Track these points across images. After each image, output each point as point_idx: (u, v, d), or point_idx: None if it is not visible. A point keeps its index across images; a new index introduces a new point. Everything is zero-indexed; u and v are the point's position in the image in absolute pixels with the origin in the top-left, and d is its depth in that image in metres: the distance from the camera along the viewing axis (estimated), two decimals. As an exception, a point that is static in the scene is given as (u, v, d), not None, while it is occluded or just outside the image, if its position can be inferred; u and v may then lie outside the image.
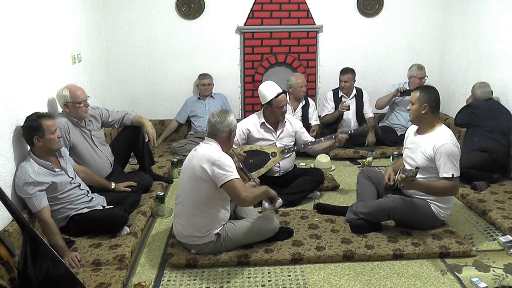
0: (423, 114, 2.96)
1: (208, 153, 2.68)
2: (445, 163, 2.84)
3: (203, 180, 2.66)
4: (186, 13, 5.05)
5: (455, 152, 2.86)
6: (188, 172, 2.76)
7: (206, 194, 2.70)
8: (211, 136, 2.79)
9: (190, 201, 2.76)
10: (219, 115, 2.78)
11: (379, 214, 3.04)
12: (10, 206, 2.17)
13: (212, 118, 2.79)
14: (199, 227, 2.74)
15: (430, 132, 2.98)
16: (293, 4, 5.09)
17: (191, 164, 2.74)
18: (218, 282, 2.61)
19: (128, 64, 5.15)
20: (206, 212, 2.73)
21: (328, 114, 4.94)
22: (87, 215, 2.90)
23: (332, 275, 2.67)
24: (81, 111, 3.29)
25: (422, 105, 2.94)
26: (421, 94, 2.97)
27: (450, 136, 2.90)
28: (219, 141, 2.77)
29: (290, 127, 3.73)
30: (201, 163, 2.66)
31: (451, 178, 2.84)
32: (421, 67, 4.92)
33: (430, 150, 2.91)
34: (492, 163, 3.87)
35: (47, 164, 2.77)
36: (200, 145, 2.80)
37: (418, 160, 2.99)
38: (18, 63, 2.88)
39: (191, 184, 2.73)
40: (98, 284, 2.41)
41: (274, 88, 3.63)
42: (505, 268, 2.73)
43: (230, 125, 2.77)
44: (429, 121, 2.99)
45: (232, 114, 2.84)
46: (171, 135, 5.17)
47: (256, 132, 3.66)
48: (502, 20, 4.30)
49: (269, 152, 3.58)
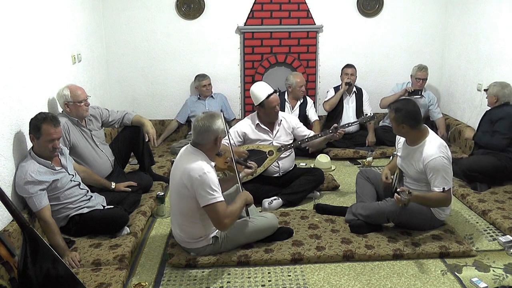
0: (404, 132, 2.97)
1: (191, 167, 2.52)
2: (436, 178, 2.85)
3: (187, 197, 2.59)
4: (186, 13, 5.05)
5: (445, 165, 2.85)
6: (174, 184, 2.68)
7: (194, 209, 2.63)
8: (195, 145, 2.63)
9: (179, 213, 2.72)
10: (204, 121, 2.58)
11: (378, 217, 3.04)
12: (10, 206, 2.17)
13: (197, 124, 2.59)
14: (193, 235, 2.73)
15: (419, 143, 2.97)
16: (293, 4, 5.08)
17: (176, 177, 2.63)
18: (218, 282, 2.61)
19: (128, 64, 5.15)
20: (196, 222, 2.69)
21: (330, 98, 4.91)
22: (87, 215, 2.90)
23: (332, 275, 2.67)
24: (82, 110, 3.29)
25: (400, 125, 2.94)
26: (396, 115, 2.93)
27: (439, 148, 2.88)
28: (203, 149, 2.62)
29: (286, 124, 3.71)
30: (184, 179, 2.55)
31: (442, 191, 2.84)
32: (422, 68, 4.81)
33: (420, 163, 2.92)
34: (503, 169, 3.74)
35: (47, 163, 2.76)
36: (185, 154, 2.65)
37: (410, 172, 3.03)
38: (18, 63, 2.88)
39: (178, 198, 2.67)
40: (98, 284, 2.42)
41: (265, 89, 3.58)
42: (505, 268, 2.73)
43: (216, 132, 2.59)
44: (414, 136, 2.98)
45: (219, 118, 2.64)
46: (171, 135, 5.16)
47: (252, 134, 3.64)
48: (502, 20, 4.30)
49: (266, 151, 3.57)
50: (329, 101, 4.93)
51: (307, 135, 3.66)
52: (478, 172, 3.72)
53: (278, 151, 3.57)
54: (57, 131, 2.74)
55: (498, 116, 3.82)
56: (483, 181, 3.75)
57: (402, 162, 3.12)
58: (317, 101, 5.37)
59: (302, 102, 4.84)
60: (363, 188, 3.33)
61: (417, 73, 4.82)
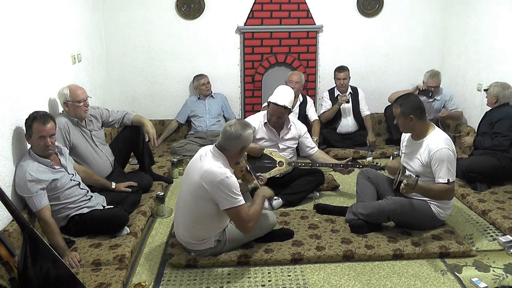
0: (412, 125, 2.97)
1: (213, 170, 2.49)
2: (441, 169, 2.85)
3: (204, 198, 2.55)
4: (186, 13, 5.05)
5: (450, 157, 2.86)
6: (189, 184, 2.63)
7: (208, 212, 2.60)
8: (221, 149, 2.59)
9: (189, 214, 2.69)
10: (237, 128, 2.54)
11: (379, 216, 3.04)
12: (10, 206, 2.17)
13: (229, 129, 2.55)
14: (199, 237, 2.72)
15: (424, 137, 2.98)
16: (293, 4, 5.08)
17: (193, 178, 2.58)
18: (218, 282, 2.61)
19: (128, 64, 5.15)
20: (206, 225, 2.68)
21: (327, 110, 4.93)
22: (87, 215, 2.90)
23: (332, 275, 2.67)
24: (80, 110, 3.29)
25: (408, 118, 2.94)
26: (402, 108, 2.94)
27: (445, 140, 2.90)
28: (227, 155, 2.59)
29: (295, 130, 3.74)
30: (203, 182, 2.50)
31: (447, 183, 2.84)
32: (433, 75, 4.62)
33: (426, 155, 2.92)
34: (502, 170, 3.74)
35: (46, 161, 2.76)
36: (206, 156, 2.60)
37: (415, 166, 3.02)
38: (18, 63, 2.88)
39: (192, 199, 2.63)
40: (98, 284, 2.41)
41: (280, 96, 3.56)
42: (505, 268, 2.73)
43: (245, 142, 2.57)
44: (420, 128, 2.99)
45: (251, 128, 2.63)
46: (171, 135, 5.16)
47: (260, 131, 3.66)
48: (502, 20, 4.30)
49: (277, 160, 3.58)
50: (325, 115, 4.93)
51: (311, 148, 3.74)
52: (478, 172, 3.72)
53: (289, 165, 3.59)
54: (47, 128, 2.70)
55: (497, 117, 3.82)
56: (483, 182, 3.75)
57: (407, 158, 3.12)
58: (317, 101, 5.37)
59: (302, 102, 4.84)
60: (364, 188, 3.32)
61: (428, 80, 4.65)
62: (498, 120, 3.80)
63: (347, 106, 4.94)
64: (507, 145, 3.74)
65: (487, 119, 3.94)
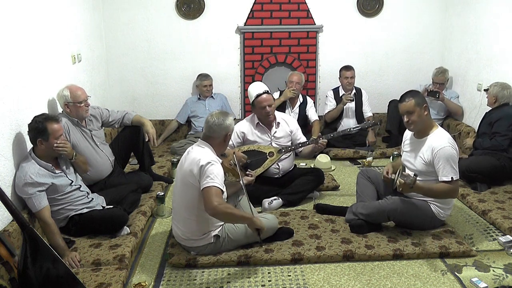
0: (425, 117, 2.95)
1: (201, 156, 2.61)
2: (444, 166, 2.84)
3: (193, 185, 2.62)
4: (186, 13, 5.05)
5: (454, 155, 2.85)
6: (180, 176, 2.74)
7: (198, 200, 2.63)
8: (206, 138, 2.74)
9: (184, 206, 2.73)
10: (218, 116, 2.71)
11: (379, 215, 3.04)
12: (10, 206, 2.17)
13: (210, 118, 2.72)
14: (196, 231, 2.73)
15: (427, 135, 2.98)
16: (293, 4, 5.09)
17: (182, 168, 2.71)
18: (218, 282, 2.61)
19: (128, 64, 5.15)
20: (201, 216, 2.69)
21: (331, 110, 4.94)
22: (87, 215, 2.90)
23: (332, 275, 2.67)
24: (82, 111, 3.29)
25: (422, 107, 2.92)
26: (415, 100, 2.91)
27: (448, 139, 2.90)
28: (213, 143, 2.72)
29: (287, 126, 3.71)
30: (191, 167, 2.61)
31: (451, 181, 2.84)
32: (439, 72, 4.84)
33: (429, 154, 2.91)
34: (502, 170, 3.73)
35: (47, 165, 2.77)
36: (193, 148, 2.74)
37: (417, 164, 3.00)
38: (18, 63, 2.88)
39: (183, 189, 2.71)
40: (98, 284, 2.41)
41: (256, 89, 3.58)
42: (505, 268, 2.73)
43: (227, 129, 2.71)
44: (429, 122, 2.99)
45: (231, 116, 2.77)
46: (171, 135, 5.17)
47: (251, 135, 3.64)
48: (502, 20, 4.30)
49: (267, 152, 3.57)
50: (330, 114, 4.95)
51: (299, 143, 3.66)
52: (478, 172, 3.72)
53: (279, 152, 3.57)
54: (60, 126, 2.82)
55: (496, 117, 3.82)
56: (483, 182, 3.75)
57: (408, 157, 3.10)
58: (317, 101, 5.37)
59: (302, 102, 4.84)
60: (364, 188, 3.32)
61: (435, 76, 4.87)
62: (497, 120, 3.80)
63: (351, 106, 4.94)
64: (506, 144, 3.74)
65: (487, 119, 3.94)
